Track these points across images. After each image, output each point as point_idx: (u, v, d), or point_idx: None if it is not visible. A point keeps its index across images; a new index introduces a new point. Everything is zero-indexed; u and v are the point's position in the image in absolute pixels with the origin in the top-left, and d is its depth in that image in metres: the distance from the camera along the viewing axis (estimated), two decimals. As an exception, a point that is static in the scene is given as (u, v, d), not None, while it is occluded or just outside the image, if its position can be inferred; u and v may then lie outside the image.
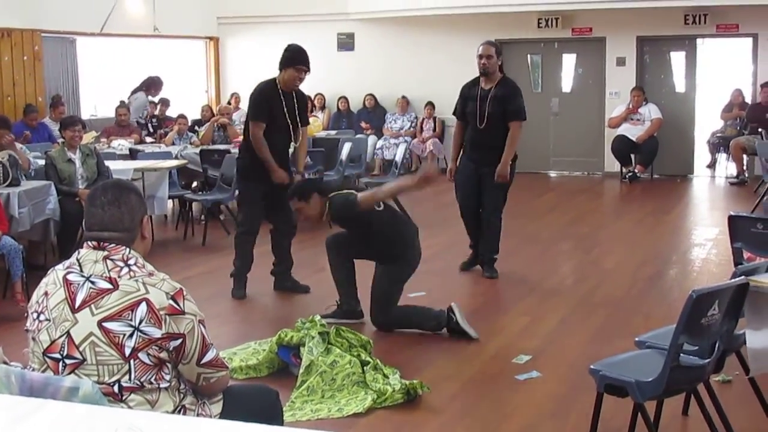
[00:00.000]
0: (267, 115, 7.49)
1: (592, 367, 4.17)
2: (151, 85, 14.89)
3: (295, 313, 6.91)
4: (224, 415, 3.24)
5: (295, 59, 7.45)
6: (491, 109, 8.01)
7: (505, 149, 8.01)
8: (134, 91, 14.72)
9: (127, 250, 3.06)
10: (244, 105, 16.84)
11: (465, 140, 8.33)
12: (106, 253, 3.02)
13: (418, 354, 6.16)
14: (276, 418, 3.51)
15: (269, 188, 7.55)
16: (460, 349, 6.23)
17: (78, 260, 3.05)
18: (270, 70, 7.64)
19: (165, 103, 15.23)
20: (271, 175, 7.47)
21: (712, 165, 16.20)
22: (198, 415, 3.15)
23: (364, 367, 5.48)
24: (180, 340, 2.99)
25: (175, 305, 2.98)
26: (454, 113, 8.51)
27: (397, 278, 6.63)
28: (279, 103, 7.49)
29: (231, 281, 7.96)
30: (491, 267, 8.32)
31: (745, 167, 14.61)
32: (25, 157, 8.84)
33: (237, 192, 8.10)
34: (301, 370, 5.40)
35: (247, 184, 7.79)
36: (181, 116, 13.28)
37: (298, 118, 7.65)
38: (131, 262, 3.03)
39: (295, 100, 7.62)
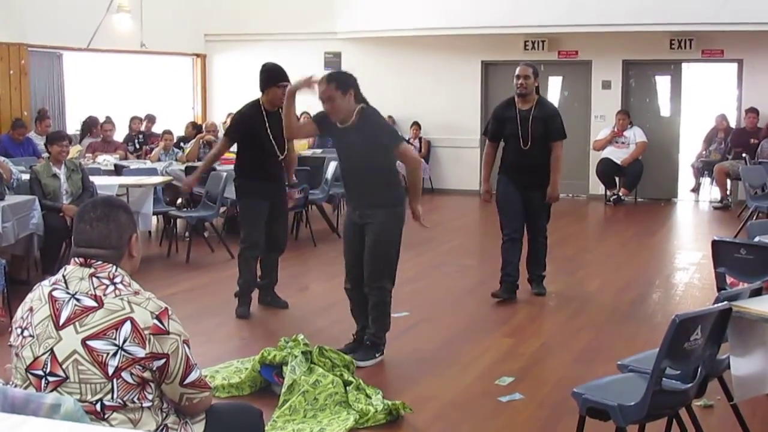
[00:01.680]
0: (238, 134, 7.66)
1: (574, 390, 4.17)
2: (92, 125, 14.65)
3: (278, 331, 6.89)
4: (206, 434, 3.23)
5: (274, 78, 7.51)
6: (535, 130, 7.96)
7: (552, 170, 8.04)
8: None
9: (114, 267, 3.04)
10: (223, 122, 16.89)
11: (505, 162, 8.24)
12: (92, 270, 3.01)
13: (400, 374, 6.15)
14: (258, 438, 3.50)
15: (269, 203, 7.63)
16: (443, 370, 6.22)
17: (64, 277, 3.03)
18: (256, 87, 7.65)
19: (151, 119, 15.21)
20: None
21: (696, 189, 16.28)
22: (180, 434, 3.14)
23: (347, 387, 5.47)
24: (163, 360, 2.98)
25: (160, 325, 2.97)
26: (484, 133, 8.43)
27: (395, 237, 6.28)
28: (262, 123, 7.53)
29: (213, 299, 7.98)
30: (540, 284, 8.41)
31: (728, 192, 14.68)
32: (7, 167, 8.78)
33: (238, 211, 8.21)
34: (283, 389, 5.39)
35: (246, 201, 7.77)
36: (167, 132, 13.27)
37: (284, 135, 7.63)
38: (117, 280, 3.02)
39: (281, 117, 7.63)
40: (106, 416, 2.94)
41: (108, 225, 3.08)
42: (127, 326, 2.92)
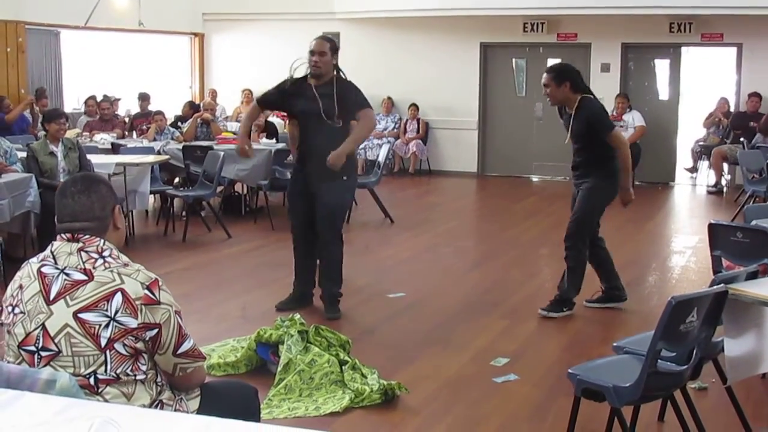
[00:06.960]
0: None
1: (569, 371, 4.18)
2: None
3: (274, 311, 6.91)
4: (201, 411, 3.22)
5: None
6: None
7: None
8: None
9: (102, 241, 3.05)
10: (221, 101, 16.89)
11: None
12: (80, 245, 3.02)
13: (396, 354, 6.15)
14: (253, 416, 3.50)
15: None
16: (439, 351, 6.23)
17: (52, 252, 3.05)
18: (254, 67, 7.63)
19: (145, 98, 15.12)
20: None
21: (692, 170, 16.23)
22: (175, 410, 3.14)
23: (343, 367, 5.48)
24: (156, 330, 2.98)
25: (151, 295, 2.97)
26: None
27: None
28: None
29: (210, 278, 8.06)
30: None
31: (727, 175, 14.69)
32: None
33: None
34: (279, 368, 5.39)
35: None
36: (158, 113, 13.07)
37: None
38: (106, 253, 3.03)
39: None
40: (99, 390, 2.94)
41: (90, 197, 3.10)
42: (118, 297, 2.93)
